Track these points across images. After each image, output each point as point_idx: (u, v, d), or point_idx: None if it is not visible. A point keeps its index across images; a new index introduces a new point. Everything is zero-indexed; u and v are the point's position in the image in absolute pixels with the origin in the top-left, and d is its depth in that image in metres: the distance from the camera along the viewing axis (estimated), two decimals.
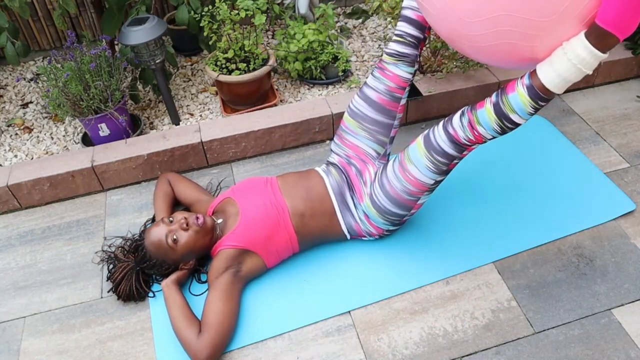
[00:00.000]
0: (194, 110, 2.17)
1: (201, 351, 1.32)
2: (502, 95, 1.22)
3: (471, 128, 1.28)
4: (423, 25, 1.48)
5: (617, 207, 1.69)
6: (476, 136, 1.29)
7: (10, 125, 2.16)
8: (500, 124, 1.23)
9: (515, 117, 1.21)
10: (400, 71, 1.53)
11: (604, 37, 1.02)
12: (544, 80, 1.12)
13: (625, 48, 2.20)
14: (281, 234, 1.50)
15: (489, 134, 1.27)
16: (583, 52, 1.05)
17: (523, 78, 1.18)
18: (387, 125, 1.57)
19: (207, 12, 1.96)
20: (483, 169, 1.85)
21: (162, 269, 1.49)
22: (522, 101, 1.17)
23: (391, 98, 1.54)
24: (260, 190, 1.56)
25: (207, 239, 1.49)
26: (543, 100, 1.16)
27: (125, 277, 1.50)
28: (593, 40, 1.03)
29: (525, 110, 1.18)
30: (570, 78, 1.10)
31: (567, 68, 1.08)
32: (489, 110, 1.24)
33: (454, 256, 1.58)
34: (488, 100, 1.26)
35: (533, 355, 1.35)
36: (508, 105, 1.20)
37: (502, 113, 1.21)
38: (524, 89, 1.16)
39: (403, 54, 1.51)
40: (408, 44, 1.50)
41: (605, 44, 1.03)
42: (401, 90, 1.54)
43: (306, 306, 1.48)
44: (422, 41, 1.51)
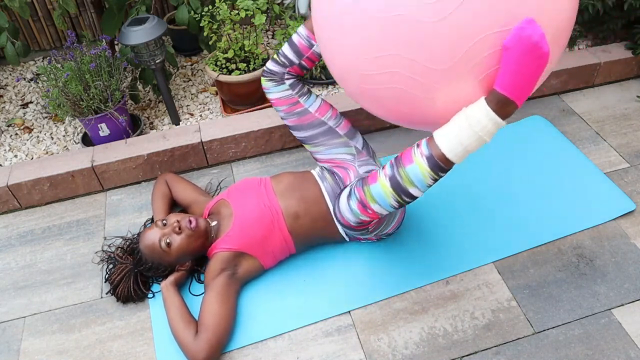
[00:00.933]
0: (194, 110, 2.17)
1: (198, 352, 1.32)
2: (398, 168, 1.12)
3: (364, 208, 1.19)
4: (301, 52, 1.48)
5: (617, 207, 1.69)
6: (370, 215, 1.20)
7: (10, 125, 2.16)
8: (397, 199, 1.15)
9: (414, 190, 1.13)
10: (276, 93, 1.54)
11: (505, 104, 0.98)
12: (445, 149, 1.05)
13: (625, 48, 2.20)
14: (275, 235, 1.50)
15: (385, 210, 1.18)
16: (485, 119, 1.00)
17: (420, 147, 1.10)
18: (326, 131, 1.55)
19: (207, 12, 1.96)
20: (483, 169, 1.85)
21: (158, 272, 1.50)
22: (421, 173, 1.09)
23: (297, 115, 1.54)
24: (253, 192, 1.55)
25: (201, 242, 1.49)
26: (443, 171, 1.08)
27: (123, 279, 1.50)
28: (494, 106, 0.99)
29: (424, 182, 1.10)
30: (471, 147, 1.04)
31: (468, 136, 1.02)
32: (384, 185, 1.14)
33: (454, 256, 1.58)
34: (382, 174, 1.16)
35: (533, 355, 1.35)
36: (406, 178, 1.11)
37: (400, 187, 1.12)
38: (423, 160, 1.08)
39: (271, 71, 1.53)
40: (278, 62, 1.52)
41: (506, 111, 0.99)
42: (296, 106, 1.54)
43: (306, 306, 1.48)
44: (294, 65, 1.51)
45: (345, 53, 1.07)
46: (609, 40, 2.34)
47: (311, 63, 1.52)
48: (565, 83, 2.17)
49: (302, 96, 1.54)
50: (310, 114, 1.53)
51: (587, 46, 2.35)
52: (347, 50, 1.06)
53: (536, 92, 2.17)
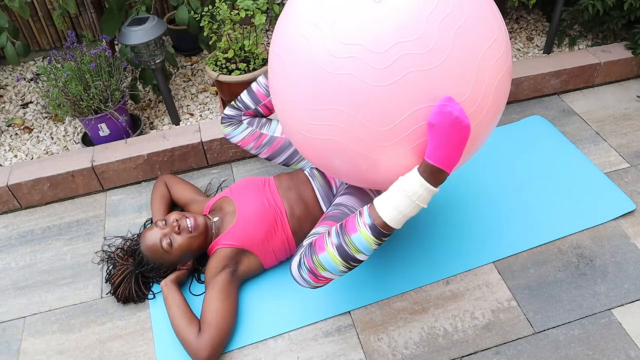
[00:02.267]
0: (194, 110, 2.17)
1: (202, 350, 1.33)
2: (344, 237, 1.16)
3: (315, 277, 1.21)
4: (258, 99, 1.56)
5: (617, 207, 1.69)
6: (322, 281, 1.22)
7: (10, 125, 2.16)
8: (346, 265, 1.18)
9: (361, 257, 1.16)
10: (239, 136, 1.62)
11: (436, 173, 1.05)
12: (385, 218, 1.10)
13: (625, 48, 2.20)
14: (278, 235, 1.50)
15: (335, 275, 1.21)
16: (419, 189, 1.06)
17: (363, 216, 1.14)
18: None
19: (207, 12, 1.96)
20: (483, 169, 1.85)
21: (160, 272, 1.50)
22: (366, 241, 1.13)
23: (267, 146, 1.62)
24: (258, 190, 1.56)
25: (202, 240, 1.49)
26: (385, 236, 1.14)
27: (124, 280, 1.50)
28: (427, 176, 1.06)
29: (369, 248, 1.15)
30: (408, 213, 1.10)
31: (406, 205, 1.09)
32: (332, 254, 1.17)
33: (454, 256, 1.58)
34: (329, 243, 1.18)
35: (533, 355, 1.35)
36: (353, 247, 1.15)
37: (348, 255, 1.16)
38: (366, 229, 1.13)
39: (228, 116, 1.61)
40: (234, 107, 1.60)
41: (437, 179, 1.06)
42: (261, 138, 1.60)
43: (306, 306, 1.48)
44: (250, 109, 1.59)
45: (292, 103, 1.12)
46: (609, 40, 2.34)
47: (267, 111, 1.60)
48: (565, 83, 2.17)
49: (263, 127, 1.61)
50: (278, 139, 1.60)
51: (587, 46, 2.35)
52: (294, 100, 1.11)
53: (536, 92, 2.17)
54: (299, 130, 1.15)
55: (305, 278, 1.22)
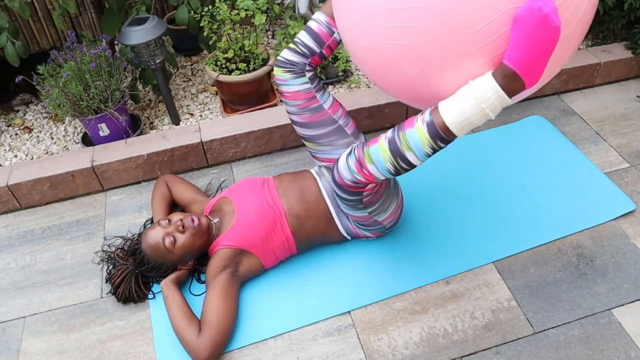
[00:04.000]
0: (194, 110, 2.17)
1: (202, 350, 1.33)
2: (399, 132, 1.12)
3: (360, 168, 1.18)
4: (322, 39, 1.42)
5: (617, 207, 1.69)
6: (366, 176, 1.19)
7: (10, 125, 2.16)
8: (394, 163, 1.14)
9: (411, 157, 1.11)
10: (294, 86, 1.46)
11: (512, 79, 0.97)
12: (446, 118, 1.04)
13: (625, 48, 2.20)
14: (277, 235, 1.50)
15: (380, 174, 1.17)
16: (489, 91, 0.99)
17: (424, 114, 1.09)
18: (336, 130, 1.50)
19: (207, 12, 1.96)
20: (483, 168, 1.85)
21: (160, 272, 1.49)
22: (420, 139, 1.08)
23: (311, 112, 1.48)
24: (256, 190, 1.56)
25: (204, 240, 1.49)
26: (443, 141, 1.07)
27: (124, 280, 1.50)
28: (501, 80, 0.98)
29: (422, 150, 1.09)
30: (473, 119, 1.03)
31: (471, 108, 1.01)
32: (383, 148, 1.13)
33: (454, 256, 1.58)
34: (383, 137, 1.16)
35: (533, 355, 1.35)
36: (405, 143, 1.10)
37: (398, 151, 1.11)
38: (423, 126, 1.07)
39: (290, 62, 1.44)
40: (298, 52, 1.44)
41: (512, 86, 0.98)
42: (312, 101, 1.47)
43: (306, 306, 1.48)
44: (316, 54, 1.44)
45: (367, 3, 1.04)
46: (609, 40, 2.34)
47: (330, 52, 1.46)
48: (565, 83, 2.17)
49: (319, 91, 1.48)
50: (324, 111, 1.48)
51: (587, 46, 2.35)
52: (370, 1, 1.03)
53: (536, 92, 2.17)
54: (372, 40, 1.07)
55: (350, 165, 1.19)
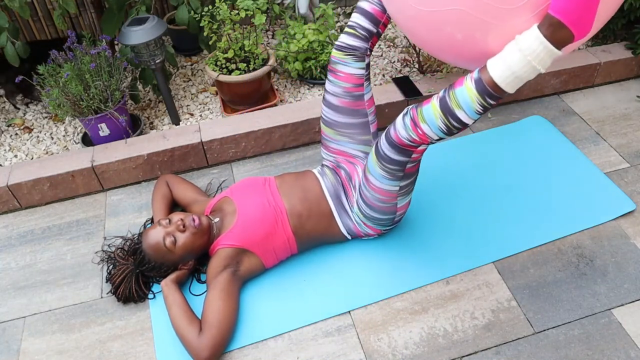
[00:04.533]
0: (194, 110, 2.17)
1: (203, 350, 1.32)
2: (449, 90, 1.14)
3: (414, 126, 1.21)
4: (377, 18, 1.43)
5: (617, 207, 1.69)
6: (420, 135, 1.22)
7: (10, 125, 2.16)
8: (445, 122, 1.16)
9: (461, 114, 1.13)
10: (351, 68, 1.47)
11: (557, 28, 0.95)
12: (494, 74, 1.05)
13: (625, 48, 2.20)
14: (279, 234, 1.50)
15: (434, 133, 1.20)
16: (534, 43, 0.98)
17: (473, 72, 1.11)
18: (362, 124, 1.53)
19: (207, 12, 1.96)
20: (483, 168, 1.85)
21: (161, 271, 1.49)
22: (469, 96, 1.10)
23: (353, 98, 1.49)
24: (258, 190, 1.56)
25: (205, 239, 1.49)
26: (492, 98, 1.08)
27: (124, 280, 1.50)
28: (545, 30, 0.97)
29: (472, 107, 1.11)
30: (522, 74, 1.03)
31: (518, 61, 1.01)
32: (434, 106, 1.16)
33: (454, 256, 1.58)
34: (435, 96, 1.19)
35: (533, 355, 1.35)
36: (454, 100, 1.12)
37: (448, 108, 1.13)
38: (472, 84, 1.09)
39: (352, 47, 1.45)
40: (358, 37, 1.44)
41: (558, 37, 0.96)
42: (359, 88, 1.49)
43: (306, 306, 1.48)
44: (374, 35, 1.45)
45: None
46: (609, 40, 2.34)
47: (384, 28, 1.47)
48: (565, 83, 2.17)
49: (366, 81, 1.50)
50: (362, 101, 1.50)
51: (587, 46, 2.35)
52: None
53: (536, 92, 2.17)
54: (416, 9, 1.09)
55: (406, 123, 1.23)
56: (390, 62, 2.33)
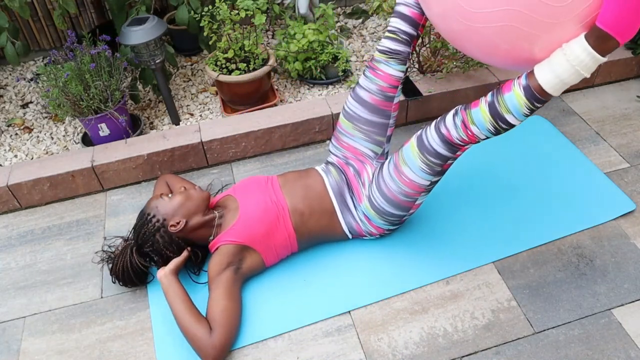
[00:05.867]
0: (194, 110, 2.17)
1: (214, 349, 1.32)
2: (497, 95, 1.20)
3: (465, 128, 1.27)
4: (417, 22, 1.46)
5: (617, 207, 1.69)
6: (469, 136, 1.28)
7: (10, 125, 2.16)
8: (494, 124, 1.22)
9: (510, 118, 1.19)
10: (392, 69, 1.50)
11: (604, 39, 1.02)
12: (541, 81, 1.11)
13: (625, 48, 2.20)
14: (280, 232, 1.50)
15: (482, 134, 1.26)
16: (582, 54, 1.04)
17: (520, 78, 1.17)
18: (383, 125, 1.56)
19: (207, 12, 1.96)
20: (483, 169, 1.85)
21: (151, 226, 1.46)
22: (518, 102, 1.16)
23: (384, 98, 1.53)
24: (260, 188, 1.56)
25: (199, 206, 1.50)
26: (539, 102, 1.15)
27: (121, 254, 1.50)
28: (593, 42, 1.03)
29: (520, 111, 1.17)
30: (568, 80, 1.09)
31: (565, 69, 1.08)
32: (483, 110, 1.23)
33: (454, 256, 1.58)
34: (483, 100, 1.24)
35: (533, 355, 1.35)
36: (503, 106, 1.18)
37: (497, 113, 1.20)
38: (520, 90, 1.15)
39: (395, 51, 1.48)
40: (401, 41, 1.48)
41: (604, 47, 1.03)
42: (394, 89, 1.52)
43: (306, 306, 1.48)
44: (415, 38, 1.48)
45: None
46: None
47: (422, 29, 1.50)
48: None
49: (401, 84, 1.54)
50: (391, 103, 1.54)
51: None
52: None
53: None
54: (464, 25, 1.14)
55: (457, 124, 1.28)
56: None
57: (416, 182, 1.41)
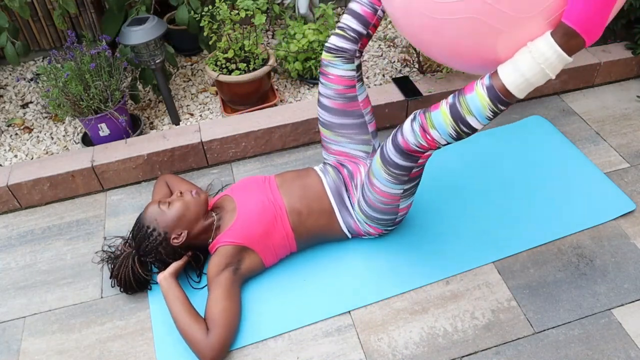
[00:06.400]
0: (194, 110, 2.17)
1: (211, 350, 1.32)
2: (459, 96, 1.15)
3: (423, 132, 1.21)
4: (368, 20, 1.43)
5: (617, 207, 1.69)
6: (429, 141, 1.22)
7: (10, 125, 2.16)
8: (455, 128, 1.16)
9: (472, 121, 1.13)
10: (341, 70, 1.47)
11: (570, 37, 0.98)
12: (505, 80, 1.06)
13: (625, 48, 2.20)
14: (278, 231, 1.50)
15: (442, 139, 1.20)
16: (548, 51, 1.00)
17: (483, 79, 1.12)
18: (359, 124, 1.53)
19: (207, 12, 1.96)
20: (483, 168, 1.85)
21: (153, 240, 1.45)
22: (480, 103, 1.10)
23: (346, 100, 1.49)
24: (257, 188, 1.56)
25: (199, 213, 1.49)
26: (503, 104, 1.09)
27: (123, 264, 1.49)
28: (559, 39, 0.99)
29: (483, 114, 1.11)
30: (533, 80, 1.04)
31: (530, 68, 1.03)
32: (444, 112, 1.16)
33: (454, 256, 1.58)
34: (444, 102, 1.19)
35: (533, 355, 1.35)
36: (465, 107, 1.13)
37: (459, 115, 1.14)
38: (483, 90, 1.10)
39: (341, 49, 1.45)
40: (348, 38, 1.44)
41: (571, 45, 0.99)
42: (351, 89, 1.48)
43: (306, 306, 1.48)
44: (364, 37, 1.44)
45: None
46: (609, 40, 2.34)
47: (374, 30, 1.47)
48: (565, 83, 2.17)
49: (359, 82, 1.49)
50: (356, 102, 1.49)
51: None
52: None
53: (536, 92, 2.17)
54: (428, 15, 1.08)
55: (415, 129, 1.22)
56: (390, 62, 2.33)
57: (388, 193, 1.40)
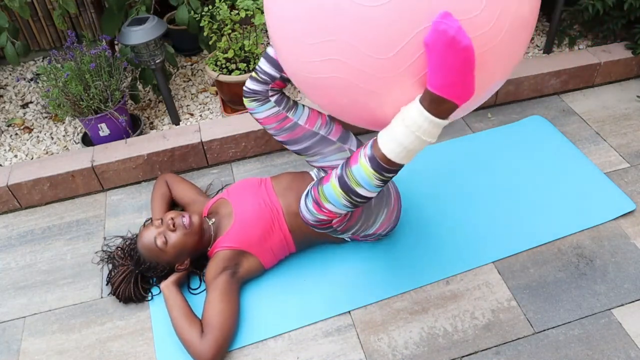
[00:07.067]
0: (194, 110, 2.17)
1: (205, 352, 1.32)
2: (346, 169, 1.11)
3: (318, 208, 1.19)
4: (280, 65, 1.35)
5: (617, 207, 1.69)
6: (326, 214, 1.20)
7: (10, 125, 2.16)
8: (348, 199, 1.14)
9: (362, 191, 1.11)
10: (263, 113, 1.43)
11: (438, 103, 0.92)
12: (384, 149, 1.02)
13: (625, 48, 2.20)
14: (275, 234, 1.50)
15: (339, 210, 1.18)
16: (419, 118, 0.95)
17: (366, 148, 1.08)
18: (320, 140, 1.46)
19: (207, 12, 1.96)
20: (483, 168, 1.85)
21: (157, 271, 1.49)
22: (366, 174, 1.07)
23: (288, 130, 1.44)
24: (254, 191, 1.56)
25: (197, 239, 1.48)
26: (388, 172, 1.06)
27: (124, 280, 1.50)
28: (427, 105, 0.93)
29: (371, 183, 1.08)
30: (411, 147, 1.00)
31: (405, 137, 0.98)
32: (334, 186, 1.14)
33: (454, 256, 1.58)
34: (333, 174, 1.16)
35: (533, 355, 1.35)
36: (353, 179, 1.09)
37: (348, 187, 1.11)
38: (366, 161, 1.06)
39: (253, 91, 1.41)
40: (260, 81, 1.39)
41: (441, 110, 0.93)
42: (285, 121, 1.43)
43: (306, 306, 1.48)
44: (276, 80, 1.39)
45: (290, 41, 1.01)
46: (609, 40, 2.34)
47: None
48: (565, 83, 2.17)
49: (290, 110, 1.45)
50: (300, 127, 1.44)
51: (587, 46, 2.35)
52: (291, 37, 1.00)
53: (536, 92, 2.17)
54: (301, 73, 1.05)
55: (309, 207, 1.21)
56: None
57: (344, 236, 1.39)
